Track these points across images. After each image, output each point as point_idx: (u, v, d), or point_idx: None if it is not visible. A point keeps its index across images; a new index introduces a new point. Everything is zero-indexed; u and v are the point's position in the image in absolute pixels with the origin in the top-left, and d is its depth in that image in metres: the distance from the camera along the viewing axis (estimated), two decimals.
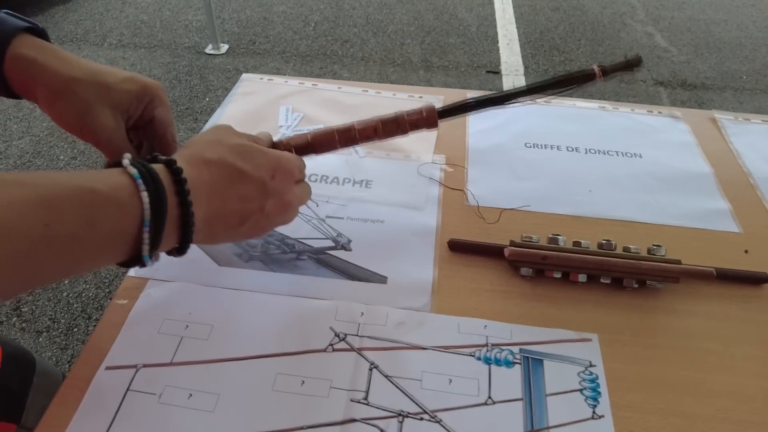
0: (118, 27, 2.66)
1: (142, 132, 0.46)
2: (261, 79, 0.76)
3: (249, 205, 0.38)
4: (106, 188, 0.31)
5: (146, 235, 0.31)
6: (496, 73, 2.39)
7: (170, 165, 0.34)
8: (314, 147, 0.47)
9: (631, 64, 0.47)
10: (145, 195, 0.31)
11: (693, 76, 2.44)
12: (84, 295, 1.44)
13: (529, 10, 2.92)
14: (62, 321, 1.38)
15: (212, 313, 0.47)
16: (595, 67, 0.47)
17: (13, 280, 0.28)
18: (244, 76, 0.77)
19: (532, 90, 0.47)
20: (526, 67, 2.44)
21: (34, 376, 0.58)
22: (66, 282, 1.48)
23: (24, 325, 1.38)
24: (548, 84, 0.47)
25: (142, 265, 0.33)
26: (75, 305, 1.42)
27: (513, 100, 0.48)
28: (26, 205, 0.28)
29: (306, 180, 0.45)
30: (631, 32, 2.76)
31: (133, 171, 0.32)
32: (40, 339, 1.35)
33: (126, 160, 0.33)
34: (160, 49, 2.51)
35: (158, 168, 0.34)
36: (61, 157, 1.87)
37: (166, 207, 0.32)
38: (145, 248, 0.32)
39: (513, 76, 2.37)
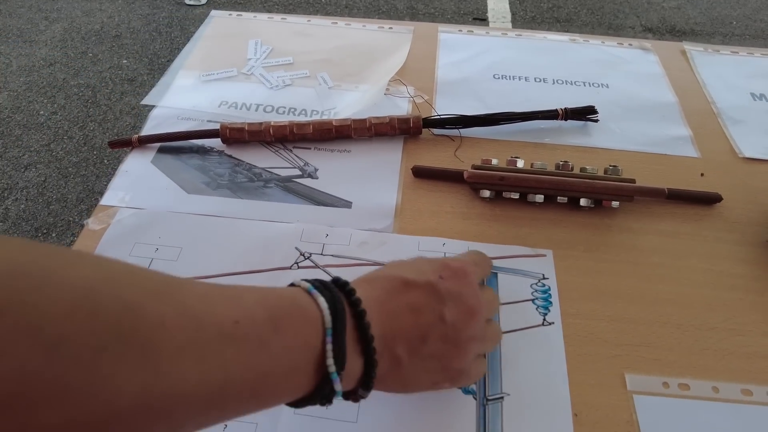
0: None
1: None
2: (230, 15, 0.75)
3: (423, 316, 0.33)
4: (286, 292, 0.30)
5: (329, 346, 0.28)
6: (483, 20, 2.35)
7: (336, 281, 0.32)
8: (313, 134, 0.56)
9: (587, 111, 0.61)
10: (322, 299, 0.29)
11: (683, 22, 2.40)
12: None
13: None
14: None
15: (181, 236, 0.49)
16: (560, 110, 0.60)
17: (192, 375, 0.24)
18: (214, 12, 0.76)
19: (512, 116, 0.59)
20: (513, 14, 2.39)
21: None
22: (53, 235, 1.49)
23: None
24: (524, 114, 0.60)
25: (331, 392, 0.29)
26: None
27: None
28: (216, 299, 0.27)
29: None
30: None
31: (305, 284, 0.30)
32: None
33: (299, 279, 0.32)
34: (139, 0, 2.43)
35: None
36: (41, 112, 1.85)
37: (344, 312, 0.30)
38: (330, 361, 0.28)
39: (500, 23, 2.33)
